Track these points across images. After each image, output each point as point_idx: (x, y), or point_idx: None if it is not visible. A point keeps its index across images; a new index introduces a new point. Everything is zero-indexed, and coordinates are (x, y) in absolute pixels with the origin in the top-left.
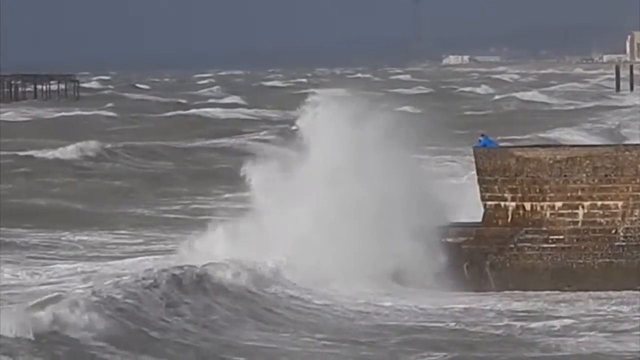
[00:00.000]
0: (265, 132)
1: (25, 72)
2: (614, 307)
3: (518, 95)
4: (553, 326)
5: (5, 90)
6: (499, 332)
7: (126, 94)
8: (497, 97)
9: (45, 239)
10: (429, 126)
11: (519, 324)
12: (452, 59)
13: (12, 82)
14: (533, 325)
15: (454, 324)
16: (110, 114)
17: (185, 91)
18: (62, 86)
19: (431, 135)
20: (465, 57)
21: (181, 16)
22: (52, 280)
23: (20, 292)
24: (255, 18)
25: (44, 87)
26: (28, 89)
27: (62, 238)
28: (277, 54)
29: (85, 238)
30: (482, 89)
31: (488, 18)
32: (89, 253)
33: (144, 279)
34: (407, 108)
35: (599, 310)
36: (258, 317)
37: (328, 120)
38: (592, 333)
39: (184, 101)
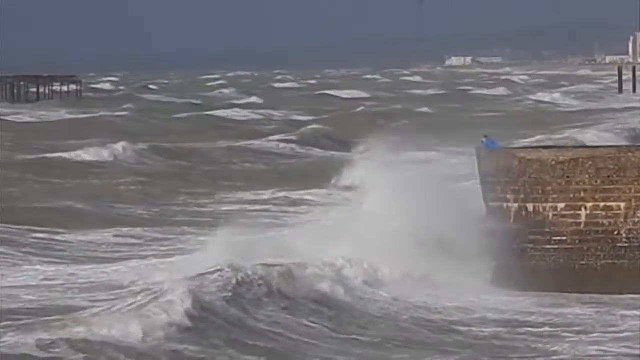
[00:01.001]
0: (286, 134)
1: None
2: (606, 313)
3: (533, 96)
4: (543, 329)
5: (9, 91)
6: (485, 334)
7: (141, 95)
8: (513, 98)
9: (44, 239)
10: (451, 127)
11: (510, 326)
12: (454, 60)
13: (15, 83)
14: (524, 328)
15: (446, 322)
16: (130, 114)
17: (199, 92)
18: (65, 87)
19: (456, 137)
20: (468, 59)
21: (180, 17)
22: (46, 282)
23: (15, 293)
24: (255, 19)
25: (47, 89)
26: (31, 90)
27: (61, 238)
28: (279, 55)
29: (85, 238)
30: (497, 91)
31: (489, 19)
32: (85, 254)
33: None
34: (425, 109)
35: (591, 314)
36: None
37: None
38: (579, 337)
39: (200, 102)
